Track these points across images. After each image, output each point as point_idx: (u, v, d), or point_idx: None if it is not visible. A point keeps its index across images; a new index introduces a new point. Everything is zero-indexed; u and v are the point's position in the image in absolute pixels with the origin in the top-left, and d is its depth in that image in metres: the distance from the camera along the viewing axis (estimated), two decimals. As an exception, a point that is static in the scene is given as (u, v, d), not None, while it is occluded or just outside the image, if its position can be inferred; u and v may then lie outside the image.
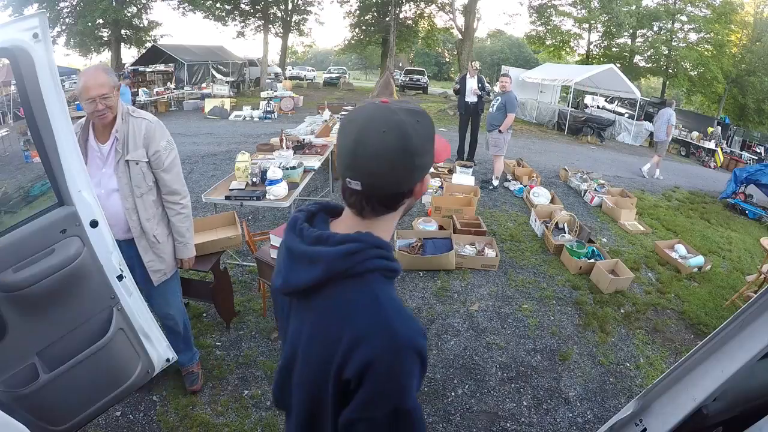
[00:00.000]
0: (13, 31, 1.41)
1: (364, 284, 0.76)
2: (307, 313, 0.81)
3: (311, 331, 0.80)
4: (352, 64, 50.27)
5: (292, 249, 0.81)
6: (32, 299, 1.58)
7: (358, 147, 0.72)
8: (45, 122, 1.55)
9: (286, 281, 0.81)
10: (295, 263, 0.80)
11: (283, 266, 0.83)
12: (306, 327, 0.81)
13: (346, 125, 0.76)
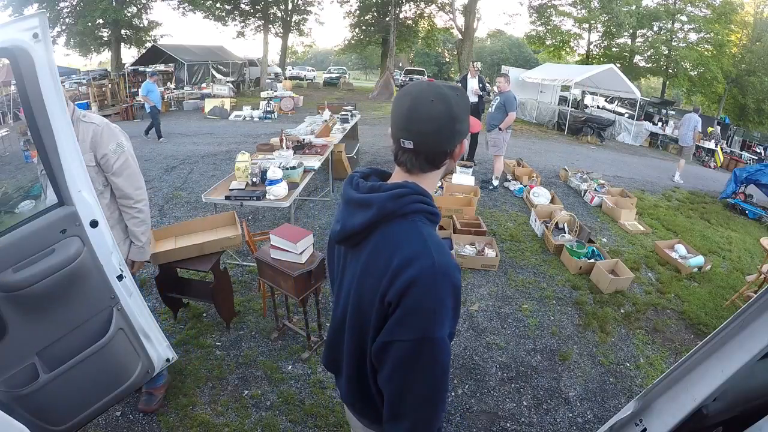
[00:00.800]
0: (13, 31, 1.41)
1: (410, 223, 0.90)
2: (360, 255, 0.94)
3: (363, 267, 0.93)
4: (352, 64, 50.25)
5: (348, 198, 0.96)
6: (32, 299, 1.58)
7: (412, 113, 0.88)
8: (45, 122, 1.55)
9: (344, 227, 0.95)
10: (351, 209, 0.95)
11: (340, 215, 0.98)
12: (359, 266, 0.94)
13: (401, 97, 0.92)
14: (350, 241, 0.97)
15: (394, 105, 0.93)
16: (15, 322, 1.57)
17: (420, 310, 0.83)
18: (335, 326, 1.09)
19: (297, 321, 3.05)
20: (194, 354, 2.74)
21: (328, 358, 1.17)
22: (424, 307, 0.83)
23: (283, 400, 2.43)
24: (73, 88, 15.68)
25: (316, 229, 4.65)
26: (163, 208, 5.11)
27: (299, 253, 2.45)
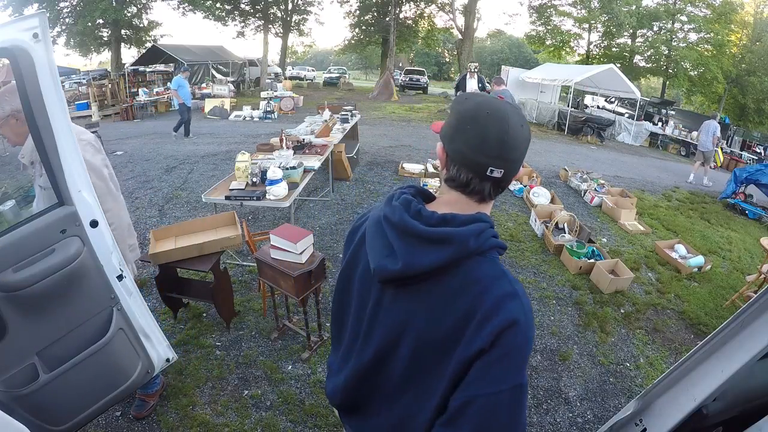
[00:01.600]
0: (13, 31, 1.41)
1: (489, 261, 0.83)
2: (421, 297, 0.84)
3: (430, 310, 0.83)
4: (352, 64, 50.26)
5: (411, 230, 0.83)
6: (32, 299, 1.58)
7: (508, 138, 0.80)
8: (45, 122, 1.55)
9: (408, 265, 0.82)
10: (415, 244, 0.82)
11: (399, 248, 0.83)
12: (421, 309, 0.84)
13: (488, 117, 0.81)
14: (402, 282, 0.85)
15: (479, 126, 0.81)
16: (15, 322, 1.57)
17: (515, 354, 0.78)
18: (362, 372, 0.98)
19: (297, 321, 3.05)
20: (194, 354, 2.74)
21: (344, 400, 1.06)
22: (520, 350, 0.78)
23: (283, 400, 2.43)
24: (73, 88, 15.68)
25: (316, 229, 4.65)
26: (163, 208, 5.11)
27: (299, 253, 2.45)
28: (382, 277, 0.87)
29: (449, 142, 0.85)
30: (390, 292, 0.89)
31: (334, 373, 1.09)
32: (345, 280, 1.04)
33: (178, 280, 3.10)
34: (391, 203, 0.89)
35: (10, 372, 1.58)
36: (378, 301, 0.92)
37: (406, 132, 11.29)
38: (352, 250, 1.01)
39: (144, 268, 3.70)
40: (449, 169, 0.86)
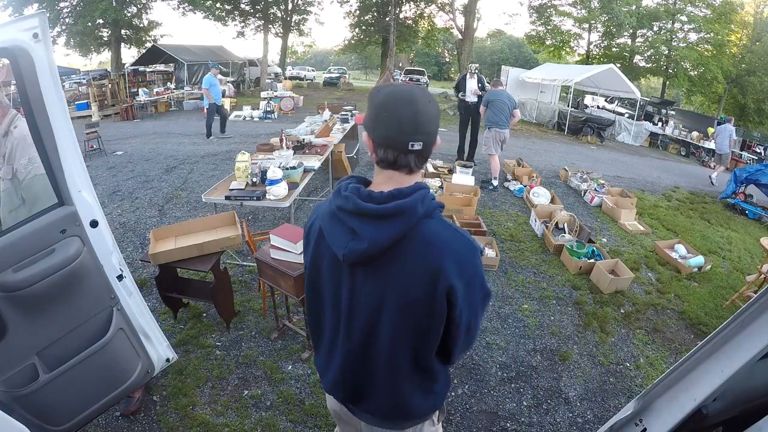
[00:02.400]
0: (13, 31, 1.41)
1: (438, 221, 0.99)
2: (390, 269, 0.98)
3: (403, 279, 0.97)
4: (352, 64, 50.24)
5: (363, 210, 0.95)
6: (32, 299, 1.58)
7: (419, 116, 0.93)
8: (45, 122, 1.55)
9: (373, 241, 0.94)
10: (376, 222, 0.94)
11: (361, 230, 0.95)
12: (394, 281, 0.98)
13: (399, 102, 0.94)
14: (375, 257, 0.96)
15: (389, 111, 0.94)
16: (15, 322, 1.57)
17: (479, 282, 1.00)
18: (353, 356, 1.09)
19: (297, 321, 3.05)
20: (194, 354, 2.74)
21: (347, 391, 1.17)
22: (481, 277, 1.01)
23: (283, 400, 2.43)
24: (73, 88, 15.70)
25: (316, 229, 4.64)
26: (163, 208, 5.11)
27: (299, 253, 2.45)
28: (352, 260, 0.97)
29: (373, 130, 0.97)
30: (360, 274, 1.00)
31: (324, 371, 1.19)
32: (313, 281, 1.12)
33: (178, 280, 3.10)
34: (341, 194, 0.99)
35: (10, 372, 1.58)
36: (351, 286, 1.03)
37: (406, 132, 11.28)
38: (313, 249, 1.09)
39: (144, 268, 3.70)
40: (377, 152, 0.98)
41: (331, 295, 1.08)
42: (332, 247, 1.01)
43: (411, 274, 0.97)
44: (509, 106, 6.11)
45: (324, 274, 1.08)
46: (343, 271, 1.03)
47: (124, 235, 4.36)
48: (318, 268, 1.09)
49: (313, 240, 1.09)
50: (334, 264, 1.04)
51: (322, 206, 1.07)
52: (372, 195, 0.96)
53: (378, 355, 1.07)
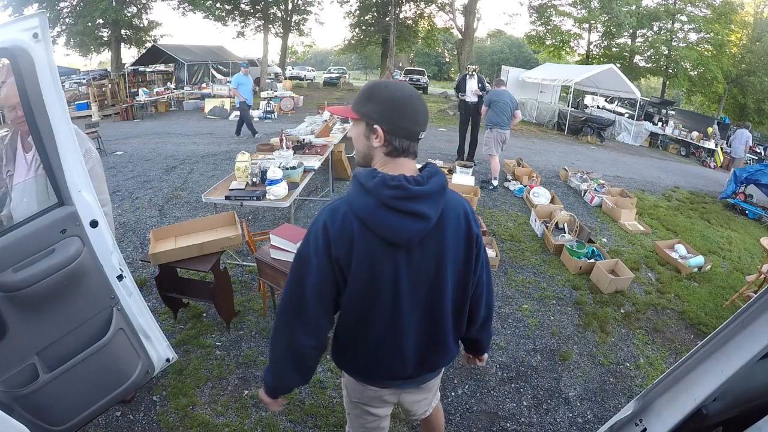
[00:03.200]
0: (13, 31, 1.41)
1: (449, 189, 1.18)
2: (436, 238, 1.15)
3: (449, 239, 1.17)
4: (352, 64, 50.25)
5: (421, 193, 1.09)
6: (32, 299, 1.58)
7: (426, 109, 1.14)
8: (45, 122, 1.55)
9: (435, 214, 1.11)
10: (428, 201, 1.10)
11: (424, 209, 1.09)
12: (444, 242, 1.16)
13: (412, 97, 1.11)
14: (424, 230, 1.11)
15: (411, 106, 1.10)
16: (15, 322, 1.57)
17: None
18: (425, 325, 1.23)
19: (297, 321, 3.05)
20: (194, 354, 2.74)
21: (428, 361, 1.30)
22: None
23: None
24: (73, 88, 15.70)
25: (316, 229, 4.64)
26: (163, 208, 5.11)
27: (299, 253, 2.45)
28: (416, 239, 1.11)
29: (392, 123, 1.09)
30: (416, 251, 1.13)
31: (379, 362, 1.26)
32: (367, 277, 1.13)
33: (178, 280, 3.10)
34: (389, 185, 1.07)
35: (10, 372, 1.58)
36: (409, 265, 1.14)
37: (406, 132, 11.29)
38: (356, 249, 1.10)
39: (144, 268, 3.70)
40: (391, 142, 1.11)
41: (391, 282, 1.13)
42: (387, 235, 1.07)
43: (453, 236, 1.17)
44: (511, 107, 6.12)
45: (378, 266, 1.11)
46: (398, 254, 1.11)
47: (124, 235, 4.37)
48: (371, 263, 1.11)
49: (349, 239, 1.09)
50: (387, 252, 1.10)
51: (354, 205, 1.09)
52: (416, 179, 1.10)
53: (441, 315, 1.23)
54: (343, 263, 1.11)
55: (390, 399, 1.40)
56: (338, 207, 1.11)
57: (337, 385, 2.56)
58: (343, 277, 1.14)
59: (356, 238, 1.09)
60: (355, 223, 1.08)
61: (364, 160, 1.19)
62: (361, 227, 1.08)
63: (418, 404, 1.50)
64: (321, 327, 1.19)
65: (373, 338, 1.21)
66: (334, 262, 1.11)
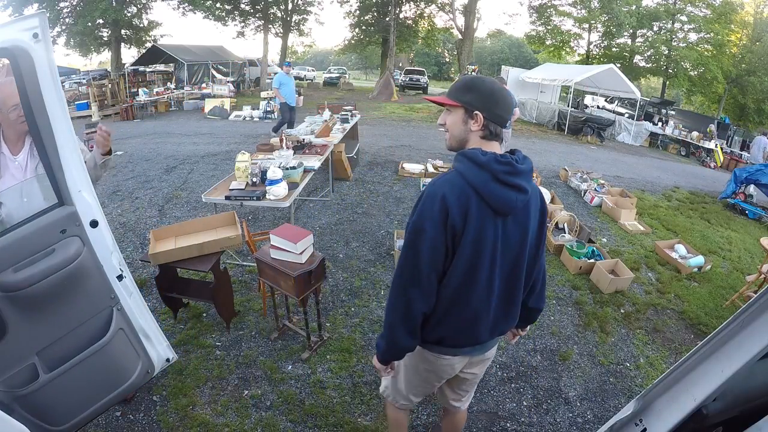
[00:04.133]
0: (13, 31, 1.41)
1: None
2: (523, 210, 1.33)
3: (531, 213, 1.37)
4: (352, 64, 50.24)
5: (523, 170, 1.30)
6: (32, 299, 1.58)
7: (511, 101, 1.41)
8: (45, 122, 1.55)
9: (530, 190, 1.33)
10: (526, 177, 1.31)
11: (524, 184, 1.29)
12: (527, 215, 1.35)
13: (504, 91, 1.32)
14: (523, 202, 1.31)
15: (506, 99, 1.31)
16: (15, 322, 1.57)
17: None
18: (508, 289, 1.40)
19: (297, 321, 3.05)
20: (194, 354, 2.74)
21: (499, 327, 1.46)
22: None
23: (283, 400, 2.43)
24: (73, 88, 15.69)
25: (316, 229, 4.65)
26: (163, 208, 5.11)
27: (299, 253, 2.45)
28: (517, 209, 1.30)
29: (489, 111, 1.29)
30: (510, 220, 1.31)
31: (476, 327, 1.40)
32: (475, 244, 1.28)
33: (178, 280, 3.10)
34: (500, 162, 1.26)
35: (10, 372, 1.58)
36: (504, 232, 1.31)
37: (406, 132, 11.29)
38: (474, 221, 1.26)
39: (144, 268, 3.70)
40: (487, 127, 1.30)
41: (491, 248, 1.30)
42: (497, 204, 1.26)
43: (535, 210, 1.37)
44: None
45: (485, 233, 1.27)
46: (498, 223, 1.29)
47: (124, 235, 4.37)
48: (480, 230, 1.27)
49: (466, 209, 1.25)
50: (492, 220, 1.28)
51: (469, 178, 1.26)
52: (514, 158, 1.30)
53: (518, 282, 1.41)
54: (458, 230, 1.26)
55: (457, 367, 1.54)
56: (453, 180, 1.27)
57: (337, 385, 2.56)
58: (453, 245, 1.28)
59: (471, 207, 1.25)
60: (472, 194, 1.25)
61: (459, 144, 1.35)
62: (477, 198, 1.25)
63: (474, 377, 1.66)
64: (433, 292, 1.32)
65: (470, 305, 1.35)
66: (449, 230, 1.25)
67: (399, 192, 5.96)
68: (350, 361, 2.76)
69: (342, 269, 3.87)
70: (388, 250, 4.24)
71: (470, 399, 1.82)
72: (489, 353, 1.59)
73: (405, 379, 1.64)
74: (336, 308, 3.31)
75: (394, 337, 1.36)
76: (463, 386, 1.71)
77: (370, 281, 3.70)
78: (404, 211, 5.26)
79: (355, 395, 2.51)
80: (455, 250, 1.28)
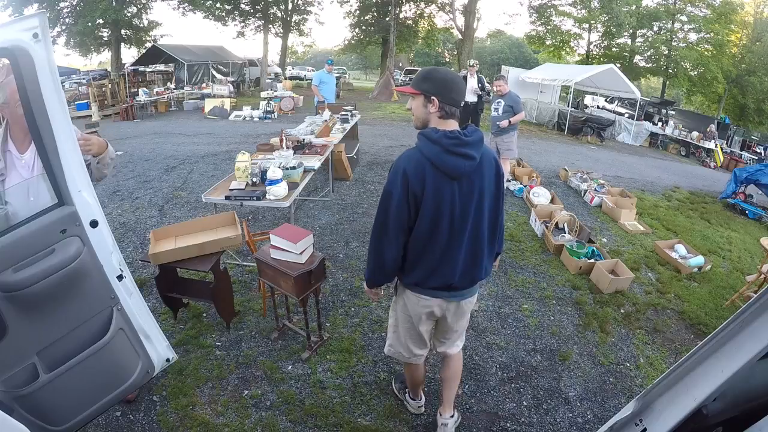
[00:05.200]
0: (13, 31, 1.41)
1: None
2: (477, 174, 1.64)
3: (486, 175, 1.66)
4: (352, 64, 50.25)
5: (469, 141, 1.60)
6: (32, 299, 1.58)
7: (464, 86, 1.72)
8: (45, 122, 1.55)
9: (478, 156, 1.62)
10: (473, 147, 1.61)
11: (472, 152, 1.59)
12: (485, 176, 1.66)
13: (457, 77, 1.67)
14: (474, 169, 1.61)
15: (459, 83, 1.64)
16: (15, 322, 1.57)
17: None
18: (471, 245, 1.71)
19: (297, 321, 3.05)
20: (194, 354, 2.74)
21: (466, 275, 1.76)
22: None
23: (283, 400, 2.43)
24: (73, 88, 15.70)
25: (316, 229, 4.65)
26: (163, 208, 5.11)
27: (299, 253, 2.45)
28: (467, 173, 1.60)
29: (444, 95, 1.60)
30: (465, 183, 1.61)
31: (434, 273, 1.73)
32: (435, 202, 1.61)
33: (178, 280, 3.10)
34: (448, 137, 1.57)
35: (10, 372, 1.58)
36: (461, 194, 1.62)
37: (406, 132, 11.29)
38: (427, 183, 1.59)
39: (144, 268, 3.70)
40: (444, 109, 1.61)
41: (449, 206, 1.61)
42: (448, 170, 1.57)
43: (489, 173, 1.66)
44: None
45: (442, 194, 1.60)
46: (453, 186, 1.60)
47: (124, 235, 4.37)
48: (436, 192, 1.59)
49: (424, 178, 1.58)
50: (447, 184, 1.59)
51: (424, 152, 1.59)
52: (463, 133, 1.60)
53: (482, 237, 1.72)
54: (417, 195, 1.59)
55: (436, 312, 1.86)
56: (412, 155, 1.62)
57: (337, 385, 2.57)
58: (415, 206, 1.61)
59: (427, 175, 1.58)
60: (427, 164, 1.57)
61: (422, 123, 1.67)
62: (431, 167, 1.57)
63: (457, 323, 1.96)
64: (399, 242, 1.69)
65: (435, 251, 1.68)
66: (411, 195, 1.59)
67: (399, 192, 5.95)
68: (350, 361, 2.76)
69: (342, 269, 3.87)
70: (388, 250, 4.23)
71: (456, 343, 2.08)
72: (464, 304, 1.89)
73: (401, 328, 1.97)
74: (336, 308, 3.31)
75: (372, 273, 1.82)
76: (447, 334, 2.01)
77: (370, 281, 3.70)
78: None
79: (355, 395, 2.51)
80: (418, 208, 1.62)
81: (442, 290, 1.78)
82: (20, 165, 1.84)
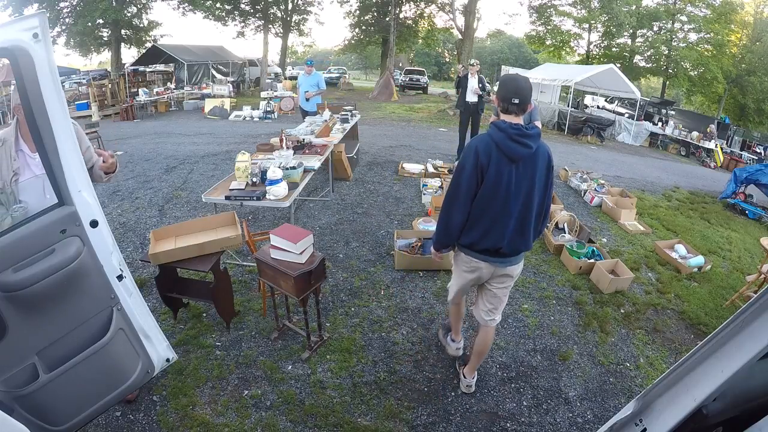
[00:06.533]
0: (13, 31, 1.41)
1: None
2: (533, 161, 1.98)
3: (539, 164, 2.00)
4: (352, 64, 50.22)
5: (528, 133, 1.96)
6: (32, 299, 1.58)
7: (518, 86, 1.99)
8: (45, 122, 1.55)
9: (536, 145, 1.98)
10: (531, 138, 1.96)
11: (529, 142, 1.95)
12: (537, 164, 2.00)
13: (515, 80, 2.02)
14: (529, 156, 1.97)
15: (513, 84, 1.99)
16: (15, 322, 1.57)
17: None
18: (521, 217, 2.05)
19: (297, 321, 3.05)
20: (194, 354, 2.74)
21: (516, 242, 2.10)
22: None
23: (283, 400, 2.44)
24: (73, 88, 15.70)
25: (316, 229, 4.65)
26: (163, 208, 5.11)
27: (299, 253, 2.45)
28: (523, 158, 1.96)
29: (501, 94, 2.00)
30: (521, 166, 1.97)
31: (485, 239, 2.09)
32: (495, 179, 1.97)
33: (178, 280, 3.10)
34: (513, 129, 1.94)
35: (10, 372, 1.58)
36: (517, 173, 1.97)
37: (406, 132, 11.30)
38: (493, 161, 1.96)
39: (144, 268, 3.70)
40: (501, 104, 2.00)
41: (507, 183, 1.96)
42: (509, 153, 1.93)
43: (542, 163, 2.00)
44: None
45: (502, 171, 1.95)
46: (512, 167, 1.95)
47: (124, 235, 4.37)
48: (498, 170, 1.95)
49: (493, 157, 1.95)
50: (507, 164, 1.95)
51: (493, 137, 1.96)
52: (524, 127, 1.96)
53: (530, 215, 2.05)
54: (484, 169, 1.96)
55: (485, 273, 2.21)
56: (483, 138, 1.99)
57: (337, 385, 2.57)
58: (481, 178, 1.98)
59: (492, 154, 1.95)
60: (493, 146, 1.95)
61: (497, 115, 2.19)
62: (496, 149, 1.94)
63: (500, 289, 2.30)
64: (466, 208, 2.05)
65: (490, 219, 2.03)
66: (479, 168, 1.96)
67: (399, 192, 5.95)
68: (350, 361, 2.76)
69: (342, 269, 3.87)
70: (388, 250, 4.24)
71: (498, 317, 2.38)
72: (509, 270, 2.22)
73: (456, 276, 2.39)
74: (336, 308, 3.31)
75: (440, 236, 2.20)
76: (493, 300, 2.32)
77: (370, 281, 3.70)
78: (404, 211, 5.26)
79: (355, 395, 2.51)
80: (483, 179, 1.97)
81: (491, 255, 2.12)
82: (33, 164, 1.88)
